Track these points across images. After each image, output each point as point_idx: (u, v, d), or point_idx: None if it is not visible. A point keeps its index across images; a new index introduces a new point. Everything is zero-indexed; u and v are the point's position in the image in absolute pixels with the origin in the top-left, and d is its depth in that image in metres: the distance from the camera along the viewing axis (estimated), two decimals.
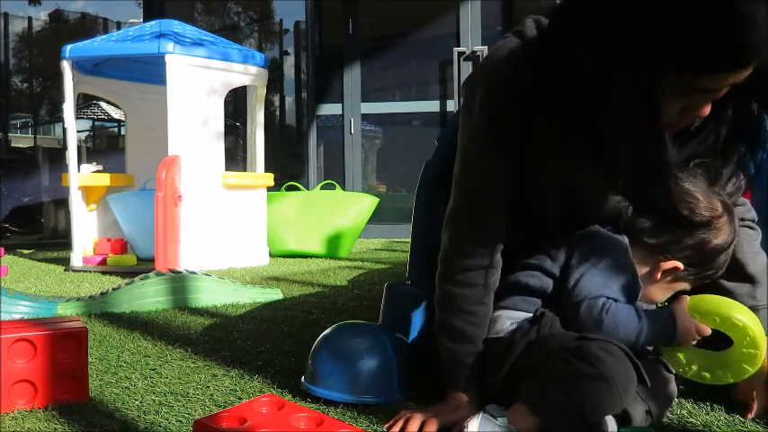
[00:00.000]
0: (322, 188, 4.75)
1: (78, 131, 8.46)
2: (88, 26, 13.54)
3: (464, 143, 1.22)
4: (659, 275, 1.23)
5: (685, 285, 1.25)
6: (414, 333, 1.49)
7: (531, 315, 1.20)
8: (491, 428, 1.04)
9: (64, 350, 1.30)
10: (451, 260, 1.23)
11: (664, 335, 1.16)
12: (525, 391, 1.08)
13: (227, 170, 3.96)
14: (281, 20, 12.73)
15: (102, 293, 2.42)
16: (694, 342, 1.17)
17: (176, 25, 4.05)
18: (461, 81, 5.98)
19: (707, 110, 1.05)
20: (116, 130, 14.47)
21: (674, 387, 1.20)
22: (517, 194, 1.21)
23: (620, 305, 1.15)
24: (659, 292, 1.25)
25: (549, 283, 1.22)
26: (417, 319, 1.51)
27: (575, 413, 1.03)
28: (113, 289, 2.42)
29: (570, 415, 1.03)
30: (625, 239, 1.24)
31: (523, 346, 1.15)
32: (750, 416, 1.20)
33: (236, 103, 9.62)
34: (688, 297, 1.19)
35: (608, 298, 1.15)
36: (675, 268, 1.21)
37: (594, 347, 1.06)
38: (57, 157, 7.11)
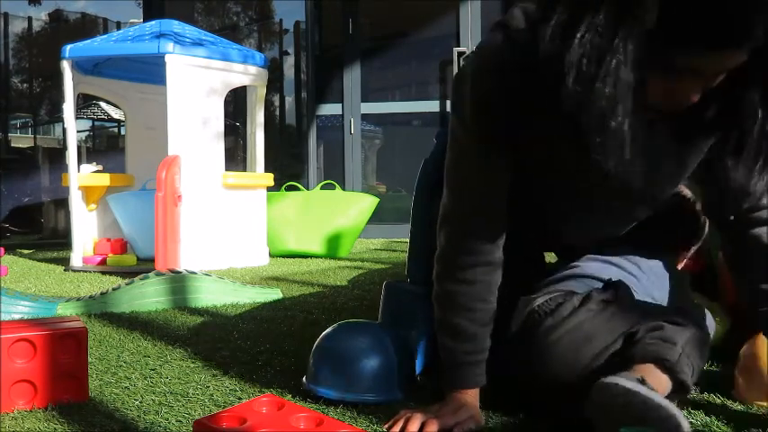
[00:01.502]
0: (322, 188, 4.75)
1: (78, 131, 8.47)
2: (88, 26, 13.55)
3: (453, 140, 1.20)
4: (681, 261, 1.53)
5: None
6: (412, 330, 1.49)
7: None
8: (633, 382, 1.01)
9: (64, 350, 1.29)
10: (449, 258, 1.22)
11: None
12: (654, 351, 1.09)
13: (227, 170, 3.96)
14: (281, 20, 12.76)
15: (102, 293, 2.42)
16: None
17: (176, 25, 4.05)
18: None
19: (694, 96, 0.98)
20: (116, 130, 14.49)
21: None
22: (516, 190, 1.19)
23: None
24: None
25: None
26: (417, 317, 1.51)
27: (695, 374, 1.13)
28: (113, 289, 2.42)
29: (694, 375, 1.12)
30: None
31: (596, 306, 1.18)
32: None
33: (236, 103, 9.63)
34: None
35: None
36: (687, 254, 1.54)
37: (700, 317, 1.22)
38: (57, 157, 7.11)
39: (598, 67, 0.90)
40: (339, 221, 4.45)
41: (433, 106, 6.49)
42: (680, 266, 1.55)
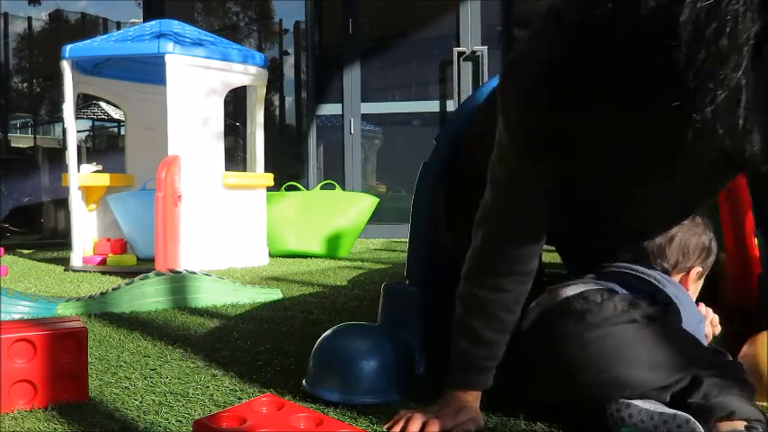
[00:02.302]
0: (322, 188, 4.75)
1: (78, 131, 8.46)
2: (88, 26, 13.54)
3: (500, 140, 1.13)
4: (689, 282, 1.36)
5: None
6: (412, 332, 1.49)
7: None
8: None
9: (64, 350, 1.30)
10: (482, 261, 1.18)
11: None
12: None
13: (227, 170, 3.96)
14: (281, 20, 12.73)
15: (101, 293, 2.42)
16: None
17: (176, 25, 4.05)
18: (461, 81, 5.99)
19: None
20: (116, 130, 14.47)
21: None
22: (563, 196, 1.14)
23: None
24: (692, 294, 1.39)
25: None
26: (416, 319, 1.51)
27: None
28: (113, 289, 2.42)
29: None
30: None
31: (641, 319, 1.13)
32: None
33: (236, 103, 9.62)
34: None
35: None
36: (698, 272, 1.36)
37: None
38: (57, 157, 7.10)
39: (714, 24, 0.80)
40: (339, 221, 4.45)
41: (433, 106, 6.49)
42: None
